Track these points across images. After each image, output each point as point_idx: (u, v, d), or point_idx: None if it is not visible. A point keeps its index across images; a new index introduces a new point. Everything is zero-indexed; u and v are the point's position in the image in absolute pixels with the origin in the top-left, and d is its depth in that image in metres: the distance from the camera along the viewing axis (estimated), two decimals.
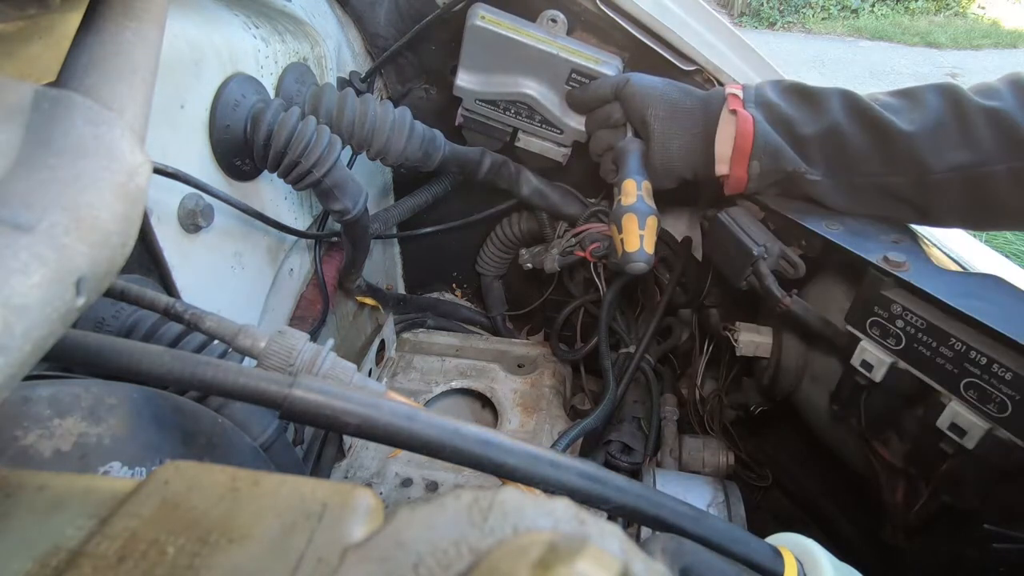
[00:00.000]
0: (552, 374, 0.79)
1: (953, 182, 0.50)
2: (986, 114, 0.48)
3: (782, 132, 0.55)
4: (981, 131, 0.48)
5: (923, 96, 0.51)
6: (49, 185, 0.19)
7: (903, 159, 0.51)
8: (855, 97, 0.53)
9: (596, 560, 0.13)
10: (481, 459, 0.28)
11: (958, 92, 0.50)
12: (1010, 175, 0.48)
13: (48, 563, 0.17)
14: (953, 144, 0.49)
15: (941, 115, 0.50)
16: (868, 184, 0.53)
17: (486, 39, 0.63)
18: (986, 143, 0.48)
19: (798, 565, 0.32)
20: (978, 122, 0.48)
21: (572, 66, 0.64)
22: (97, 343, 0.28)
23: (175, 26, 0.41)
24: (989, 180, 0.49)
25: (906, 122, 0.50)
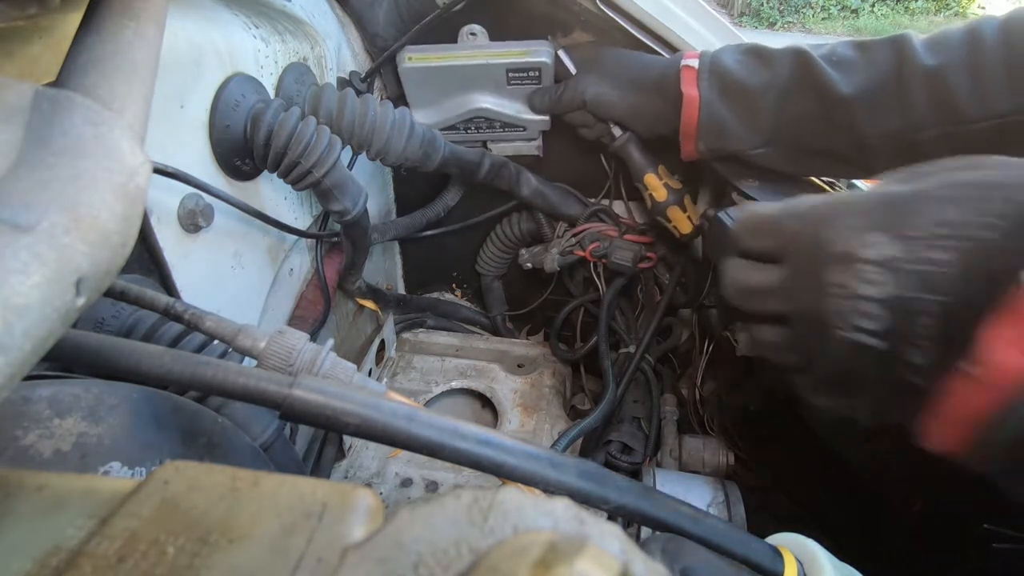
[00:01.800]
0: (552, 374, 0.79)
1: (887, 146, 0.51)
2: (925, 75, 0.49)
3: (733, 101, 0.57)
4: (917, 95, 0.49)
5: (874, 52, 0.52)
6: (49, 185, 0.19)
7: (843, 124, 0.52)
8: (806, 57, 0.53)
9: (596, 560, 0.13)
10: (481, 459, 0.28)
11: (907, 48, 0.50)
12: (940, 140, 0.49)
13: (48, 563, 0.17)
14: (889, 108, 0.50)
15: (884, 75, 0.50)
16: (813, 149, 0.55)
17: (420, 76, 0.67)
18: (920, 107, 0.49)
19: (798, 565, 0.32)
20: (915, 85, 0.49)
21: (506, 67, 0.67)
22: (97, 343, 0.28)
23: (175, 26, 0.41)
24: (920, 145, 0.50)
25: (849, 84, 0.51)
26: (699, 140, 0.59)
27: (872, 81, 0.51)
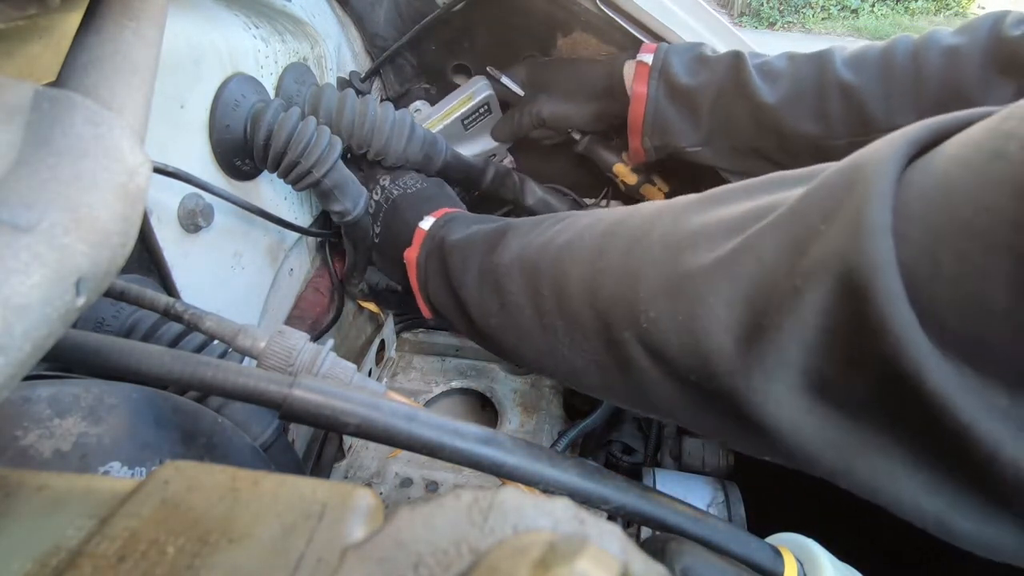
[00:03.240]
0: None
1: (806, 149, 0.55)
2: (841, 88, 0.52)
3: (676, 100, 0.59)
4: (833, 105, 0.52)
5: (800, 64, 0.55)
6: (49, 185, 0.19)
7: (768, 128, 0.55)
8: (740, 63, 0.56)
9: (596, 560, 0.13)
10: (481, 459, 0.28)
11: (828, 63, 0.53)
12: (850, 147, 0.51)
13: (48, 563, 0.17)
14: (808, 116, 0.53)
15: (805, 86, 0.54)
16: (745, 149, 0.58)
17: None
18: (835, 117, 0.52)
19: (798, 565, 0.32)
20: (832, 96, 0.52)
21: (459, 118, 0.71)
22: (97, 343, 0.28)
23: (175, 26, 0.41)
24: (832, 151, 0.53)
25: (773, 93, 0.55)
26: (644, 136, 0.62)
27: (794, 91, 0.54)
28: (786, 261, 0.26)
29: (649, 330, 0.32)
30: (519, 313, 0.41)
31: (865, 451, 0.25)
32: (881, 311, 0.22)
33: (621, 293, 0.33)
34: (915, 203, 0.23)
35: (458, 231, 0.50)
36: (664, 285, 0.31)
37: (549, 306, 0.39)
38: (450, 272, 0.48)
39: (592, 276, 0.36)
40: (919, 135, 0.25)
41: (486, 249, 0.46)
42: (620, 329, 0.33)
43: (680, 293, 0.30)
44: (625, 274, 0.34)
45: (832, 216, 0.25)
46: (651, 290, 0.32)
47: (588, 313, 0.36)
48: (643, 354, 0.33)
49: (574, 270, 0.37)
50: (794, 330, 0.25)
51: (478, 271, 0.46)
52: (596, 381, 0.38)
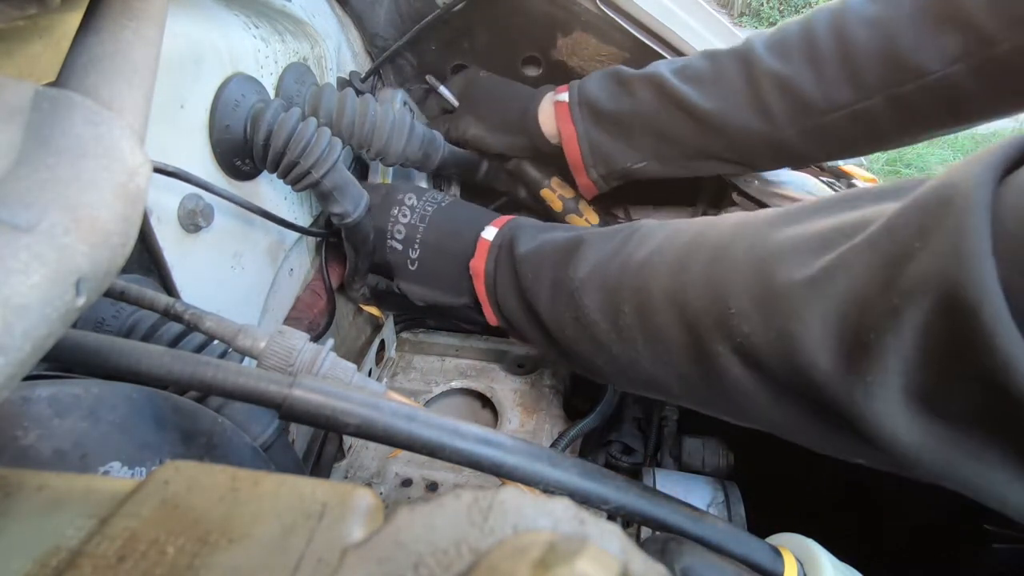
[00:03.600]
0: (552, 374, 0.79)
1: (758, 144, 0.54)
2: (772, 79, 0.51)
3: (609, 128, 0.58)
4: (770, 98, 0.51)
5: (722, 62, 0.54)
6: (49, 185, 0.19)
7: (713, 132, 0.54)
8: (661, 81, 0.55)
9: (596, 560, 0.13)
10: (481, 459, 0.28)
11: (752, 55, 0.52)
12: (802, 135, 0.52)
13: (48, 563, 0.17)
14: (749, 113, 0.53)
15: (736, 85, 0.53)
16: (694, 155, 0.58)
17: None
18: (775, 108, 0.52)
19: (798, 565, 0.32)
20: (766, 89, 0.51)
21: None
22: (97, 343, 0.28)
23: (175, 26, 0.41)
24: (785, 143, 0.53)
25: (706, 98, 0.54)
26: (588, 169, 0.61)
27: (727, 91, 0.53)
28: (881, 279, 0.27)
29: (744, 344, 0.32)
30: (595, 327, 0.42)
31: (971, 459, 0.26)
32: (987, 330, 0.23)
33: (709, 306, 0.34)
34: (1010, 221, 0.23)
35: (526, 242, 0.50)
36: (755, 300, 0.32)
37: (629, 321, 0.39)
38: (521, 283, 0.49)
39: (677, 290, 0.36)
40: (1009, 152, 0.26)
41: (558, 262, 0.46)
42: (712, 342, 0.34)
43: (773, 309, 0.31)
44: (713, 287, 0.34)
45: (929, 235, 0.25)
46: (742, 304, 0.32)
47: (674, 327, 0.36)
48: (738, 365, 0.33)
49: (656, 284, 0.38)
50: (895, 346, 0.26)
51: (551, 284, 0.46)
52: (679, 391, 0.39)
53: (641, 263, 0.40)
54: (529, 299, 0.48)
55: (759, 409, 0.34)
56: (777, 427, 0.35)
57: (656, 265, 0.39)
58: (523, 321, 0.50)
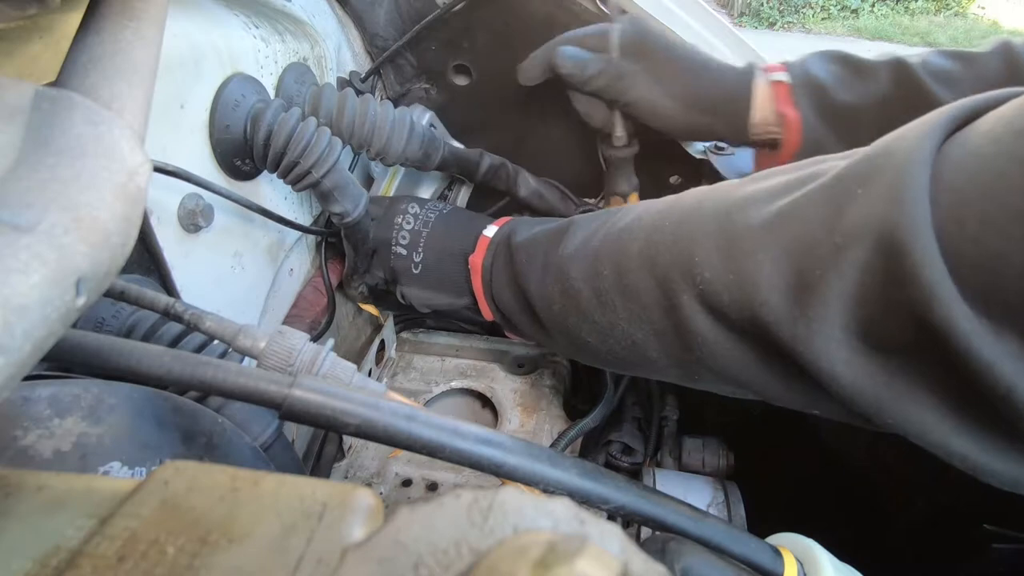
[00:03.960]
0: (552, 374, 0.79)
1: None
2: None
3: (832, 120, 0.51)
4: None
5: (980, 64, 0.48)
6: (49, 185, 0.19)
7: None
8: (908, 71, 0.49)
9: (596, 560, 0.13)
10: (481, 459, 0.28)
11: (1017, 57, 0.47)
12: None
13: (48, 563, 0.17)
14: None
15: (1000, 79, 0.46)
16: None
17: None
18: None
19: (798, 565, 0.32)
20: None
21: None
22: (97, 343, 0.28)
23: (175, 26, 0.41)
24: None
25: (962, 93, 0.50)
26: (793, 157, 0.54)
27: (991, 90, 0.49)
28: (827, 221, 0.29)
29: (705, 290, 0.35)
30: (578, 295, 0.43)
31: (901, 394, 0.28)
32: (916, 265, 0.25)
33: (677, 259, 0.36)
34: (948, 173, 0.26)
35: (523, 232, 0.52)
36: (716, 245, 0.34)
37: (608, 284, 0.41)
38: (516, 269, 0.50)
39: (649, 247, 0.39)
40: (958, 112, 0.28)
41: (551, 244, 0.48)
42: (678, 293, 0.36)
43: (731, 252, 0.33)
44: (680, 240, 0.37)
45: (870, 181, 0.28)
46: (705, 252, 0.35)
47: (646, 282, 0.38)
48: (700, 312, 0.35)
49: (632, 247, 0.40)
50: (837, 283, 0.28)
51: (542, 265, 0.47)
52: (657, 354, 0.40)
53: (620, 230, 0.42)
54: (521, 283, 0.49)
55: (723, 360, 0.36)
56: (741, 381, 0.37)
57: (633, 230, 0.41)
58: (514, 308, 0.51)
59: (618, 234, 0.42)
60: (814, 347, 0.29)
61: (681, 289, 0.36)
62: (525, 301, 0.49)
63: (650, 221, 0.40)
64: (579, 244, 0.45)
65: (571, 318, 0.45)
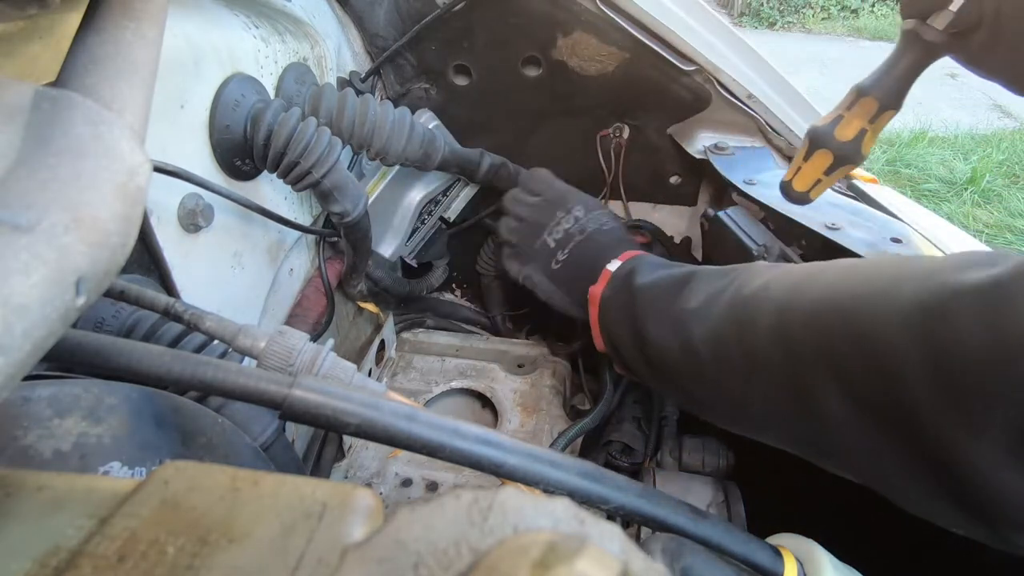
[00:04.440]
0: (552, 374, 0.79)
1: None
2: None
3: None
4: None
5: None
6: (49, 185, 0.19)
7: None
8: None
9: (596, 560, 0.13)
10: (481, 459, 0.28)
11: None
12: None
13: (48, 563, 0.17)
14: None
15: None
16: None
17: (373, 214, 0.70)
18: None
19: (798, 565, 0.32)
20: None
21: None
22: (97, 343, 0.28)
23: (175, 26, 0.41)
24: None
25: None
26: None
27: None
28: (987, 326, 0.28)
29: (844, 378, 0.33)
30: (696, 354, 0.44)
31: None
32: None
33: (813, 339, 0.35)
34: None
35: (646, 275, 0.53)
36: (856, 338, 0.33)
37: (731, 351, 0.41)
38: (636, 312, 0.50)
39: (782, 323, 0.38)
40: None
41: (672, 293, 0.48)
42: (812, 375, 0.35)
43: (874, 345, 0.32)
44: (818, 323, 0.35)
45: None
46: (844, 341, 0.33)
47: (775, 357, 0.37)
48: (836, 395, 0.34)
49: (762, 319, 0.39)
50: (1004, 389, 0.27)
51: (664, 314, 0.47)
52: (773, 423, 0.40)
53: (748, 297, 0.41)
54: (639, 327, 0.49)
55: (852, 447, 0.34)
56: (866, 471, 0.35)
57: (762, 301, 0.40)
58: (629, 347, 0.52)
59: (744, 302, 0.41)
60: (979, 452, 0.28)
61: (816, 371, 0.35)
62: (641, 345, 0.50)
63: (782, 294, 0.39)
64: (703, 302, 0.45)
65: (685, 371, 0.45)
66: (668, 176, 0.79)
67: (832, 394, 0.34)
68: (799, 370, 0.36)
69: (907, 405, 0.30)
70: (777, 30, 5.83)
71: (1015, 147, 3.25)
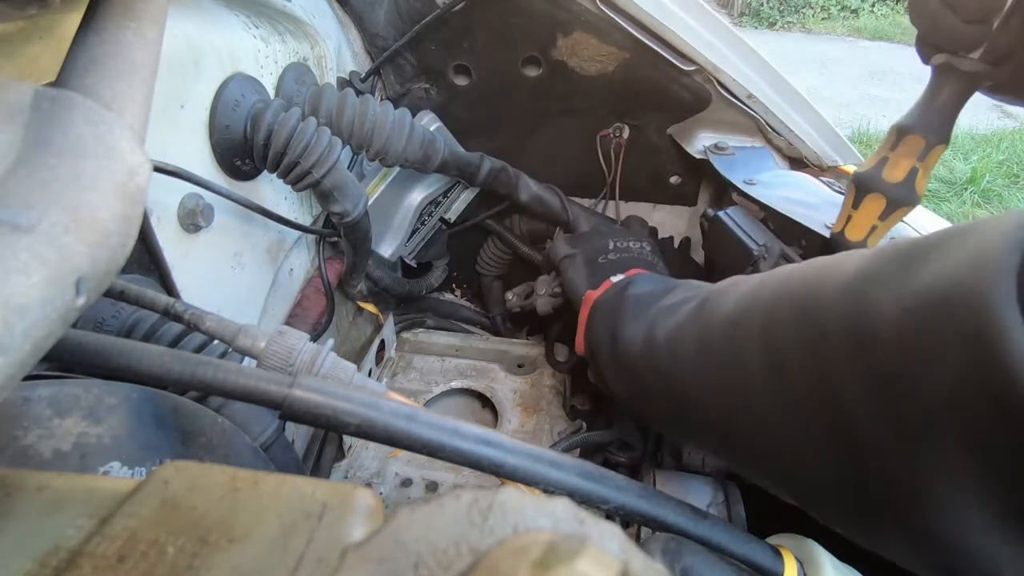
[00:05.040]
0: (552, 374, 0.79)
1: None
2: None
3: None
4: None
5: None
6: (49, 185, 0.19)
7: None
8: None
9: (596, 560, 0.13)
10: (481, 459, 0.28)
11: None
12: None
13: (48, 563, 0.17)
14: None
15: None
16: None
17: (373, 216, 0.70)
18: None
19: (798, 565, 0.32)
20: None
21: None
22: (97, 343, 0.28)
23: (175, 26, 0.41)
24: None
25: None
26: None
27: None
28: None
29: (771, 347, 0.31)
30: (653, 350, 0.43)
31: None
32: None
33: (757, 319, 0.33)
34: None
35: (638, 285, 0.54)
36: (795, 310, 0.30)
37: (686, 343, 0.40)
38: (618, 315, 0.50)
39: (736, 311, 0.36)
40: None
41: (654, 299, 0.48)
42: (748, 353, 0.33)
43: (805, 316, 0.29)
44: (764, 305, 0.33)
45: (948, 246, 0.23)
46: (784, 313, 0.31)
47: (724, 343, 0.35)
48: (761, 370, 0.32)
49: (721, 311, 0.37)
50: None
51: (640, 316, 0.48)
52: (703, 419, 0.38)
53: (715, 292, 0.40)
54: (616, 327, 0.49)
55: (772, 437, 0.31)
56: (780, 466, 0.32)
57: (727, 295, 0.38)
58: (605, 350, 0.51)
59: (711, 295, 0.40)
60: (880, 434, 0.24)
61: (753, 351, 0.32)
62: (614, 345, 0.49)
63: (746, 289, 0.37)
64: (677, 300, 0.44)
65: (641, 365, 0.45)
66: (668, 176, 0.79)
67: (757, 369, 0.32)
68: (737, 349, 0.34)
69: (828, 375, 0.27)
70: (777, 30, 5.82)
71: (1015, 147, 3.25)
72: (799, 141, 0.68)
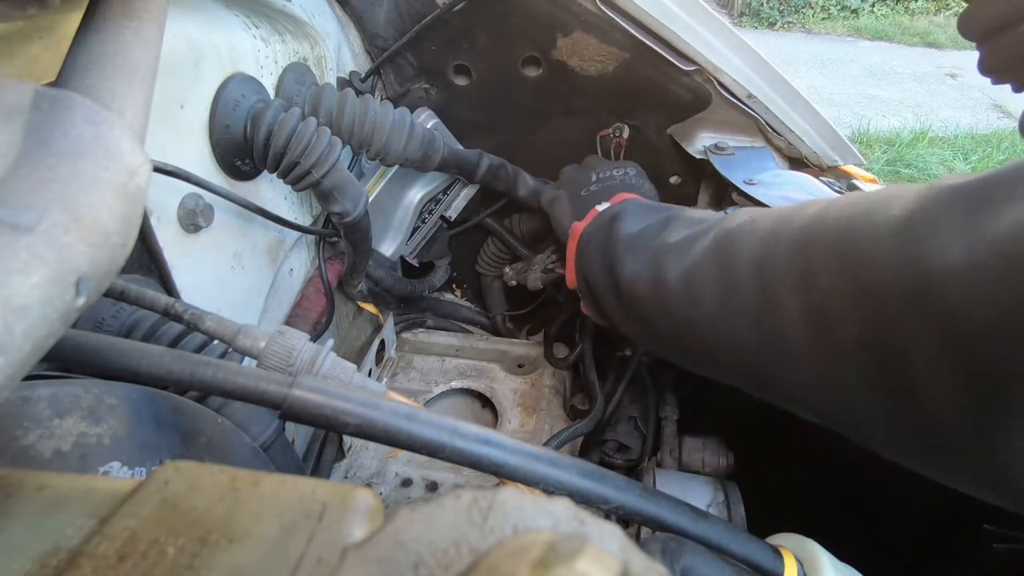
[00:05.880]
0: (552, 374, 0.79)
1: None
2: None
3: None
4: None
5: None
6: (49, 185, 0.19)
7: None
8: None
9: (596, 560, 0.13)
10: (481, 459, 0.28)
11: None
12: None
13: (48, 563, 0.17)
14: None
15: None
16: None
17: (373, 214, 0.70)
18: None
19: (798, 565, 0.32)
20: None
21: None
22: (97, 343, 0.28)
23: (175, 26, 0.41)
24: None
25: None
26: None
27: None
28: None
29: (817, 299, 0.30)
30: (667, 286, 0.43)
31: None
32: None
33: (791, 263, 0.33)
34: None
35: (627, 214, 0.53)
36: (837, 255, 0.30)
37: (704, 282, 0.40)
38: (612, 248, 0.51)
39: (764, 254, 0.36)
40: None
41: (651, 233, 0.49)
42: (782, 298, 0.32)
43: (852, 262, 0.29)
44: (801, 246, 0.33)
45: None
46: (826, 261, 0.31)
47: (750, 287, 0.35)
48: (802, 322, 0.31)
49: (743, 250, 0.37)
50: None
51: (639, 251, 0.48)
52: (727, 354, 0.38)
53: (732, 230, 0.40)
54: (613, 261, 0.50)
55: (811, 376, 0.32)
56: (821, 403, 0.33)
57: (746, 233, 0.38)
58: (601, 282, 0.52)
59: (727, 235, 0.40)
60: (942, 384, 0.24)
61: (790, 296, 0.32)
62: (614, 280, 0.50)
63: (767, 226, 0.37)
64: (683, 238, 0.44)
65: (651, 305, 0.45)
66: (668, 176, 0.79)
67: (796, 314, 0.31)
68: (770, 294, 0.33)
69: (881, 323, 0.26)
70: (777, 30, 5.82)
71: (1015, 147, 3.25)
72: (799, 141, 0.68)
